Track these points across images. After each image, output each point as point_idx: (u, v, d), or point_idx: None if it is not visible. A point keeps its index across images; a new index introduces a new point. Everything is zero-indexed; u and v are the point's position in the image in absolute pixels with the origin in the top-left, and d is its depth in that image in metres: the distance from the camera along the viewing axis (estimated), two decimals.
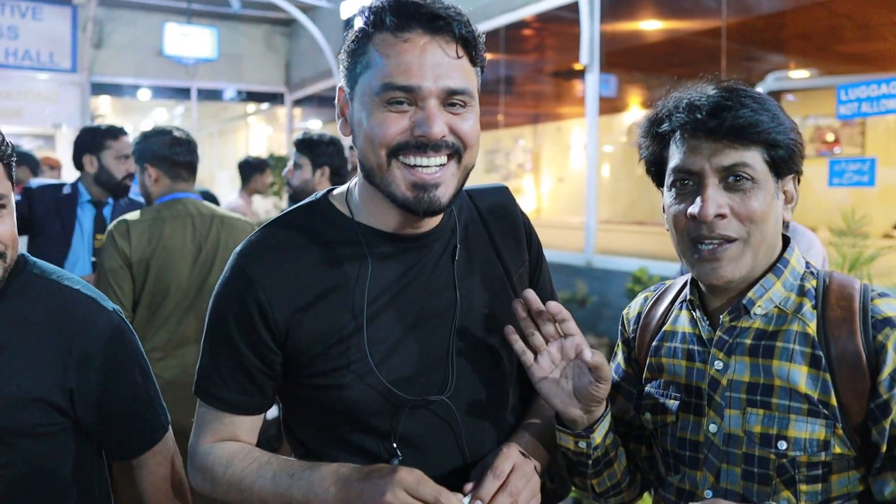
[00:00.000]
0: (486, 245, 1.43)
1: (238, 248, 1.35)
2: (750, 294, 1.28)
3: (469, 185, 1.41)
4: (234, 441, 1.36)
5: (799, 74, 8.16)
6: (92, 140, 3.73)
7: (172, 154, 3.11)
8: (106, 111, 15.16)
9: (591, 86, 7.39)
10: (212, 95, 14.59)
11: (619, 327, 1.55)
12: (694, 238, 1.26)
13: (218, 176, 18.10)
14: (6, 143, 1.45)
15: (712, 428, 1.29)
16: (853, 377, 1.19)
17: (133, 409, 1.58)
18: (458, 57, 1.23)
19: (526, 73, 10.51)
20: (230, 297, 1.31)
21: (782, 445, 1.22)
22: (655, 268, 6.30)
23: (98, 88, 12.75)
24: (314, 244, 1.32)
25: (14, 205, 1.48)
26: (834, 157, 6.91)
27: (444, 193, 1.25)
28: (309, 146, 3.73)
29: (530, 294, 1.25)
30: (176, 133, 3.16)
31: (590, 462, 1.35)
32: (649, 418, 1.40)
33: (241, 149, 17.71)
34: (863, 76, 4.98)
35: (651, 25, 8.17)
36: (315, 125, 14.58)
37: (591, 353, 1.26)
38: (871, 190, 4.79)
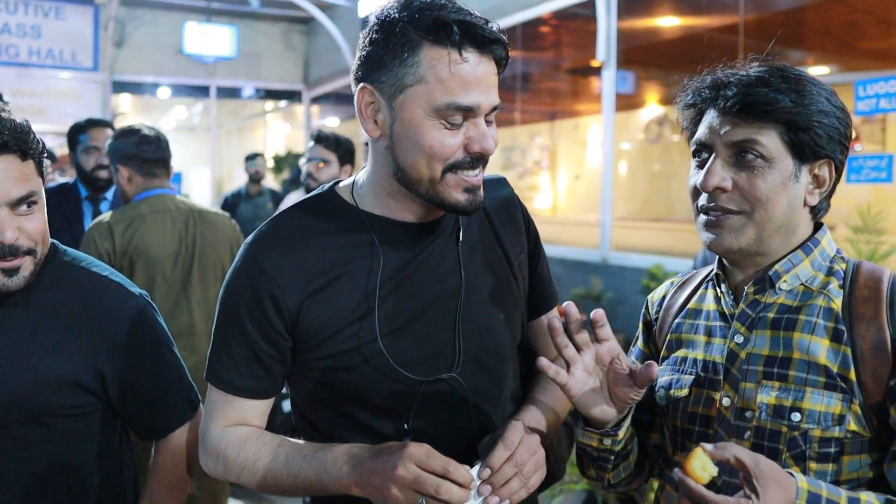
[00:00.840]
0: (488, 233, 1.49)
1: (249, 238, 1.41)
2: (777, 267, 1.31)
3: None
4: (245, 425, 1.40)
5: (818, 71, 8.12)
6: (70, 136, 3.90)
7: (141, 152, 3.16)
8: (127, 109, 15.31)
9: (608, 83, 7.39)
10: (230, 93, 14.69)
11: (643, 310, 1.58)
12: (700, 207, 1.32)
13: (237, 173, 18.23)
14: (37, 141, 1.49)
15: (725, 402, 1.31)
16: (875, 356, 1.21)
17: (163, 389, 1.64)
18: (496, 74, 1.31)
19: (543, 70, 10.50)
20: (241, 286, 1.36)
21: (796, 417, 1.22)
22: (671, 264, 6.30)
23: (119, 87, 12.87)
24: (323, 233, 1.38)
25: (45, 201, 1.53)
26: (853, 154, 6.88)
27: (482, 194, 1.34)
28: (336, 143, 3.95)
29: (571, 307, 1.28)
30: (144, 131, 3.22)
31: (612, 458, 1.37)
32: (662, 395, 1.42)
33: (260, 146, 17.80)
34: (883, 72, 4.95)
35: (668, 22, 8.15)
36: (333, 123, 14.64)
37: (632, 360, 1.31)
38: (892, 187, 4.76)
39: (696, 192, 1.33)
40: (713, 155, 1.29)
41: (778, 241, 1.30)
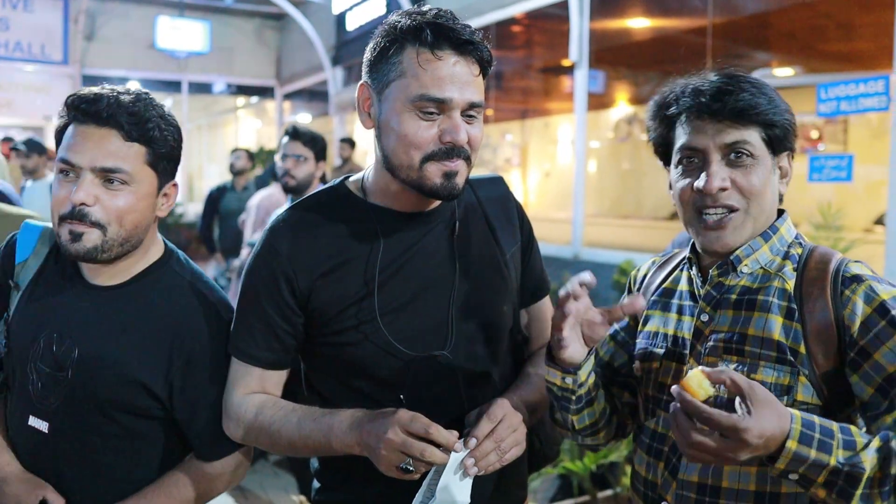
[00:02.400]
0: (483, 226, 1.62)
1: (269, 225, 1.55)
2: (738, 252, 1.42)
3: (474, 174, 1.60)
4: (262, 393, 1.55)
5: (783, 72, 8.33)
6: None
7: None
8: None
9: (580, 82, 7.52)
10: (202, 88, 14.66)
11: (628, 282, 1.71)
12: (699, 207, 1.41)
13: (207, 169, 18.14)
14: (154, 131, 1.57)
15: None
16: (821, 329, 1.33)
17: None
18: (477, 75, 1.44)
19: (515, 70, 10.62)
20: (260, 268, 1.52)
21: None
22: (641, 260, 6.42)
23: (90, 81, 12.70)
24: (333, 222, 1.53)
25: (145, 190, 1.57)
26: (815, 154, 7.07)
27: (460, 181, 1.46)
28: (313, 140, 3.91)
29: (587, 276, 1.41)
30: None
31: (573, 398, 1.48)
32: (638, 366, 1.55)
33: (231, 142, 17.73)
34: (844, 75, 5.13)
35: (639, 23, 8.31)
36: (305, 119, 14.65)
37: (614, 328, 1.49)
38: (854, 186, 4.94)
39: (690, 195, 1.42)
40: (708, 158, 1.40)
41: (759, 228, 1.43)
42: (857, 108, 4.51)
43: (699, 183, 1.39)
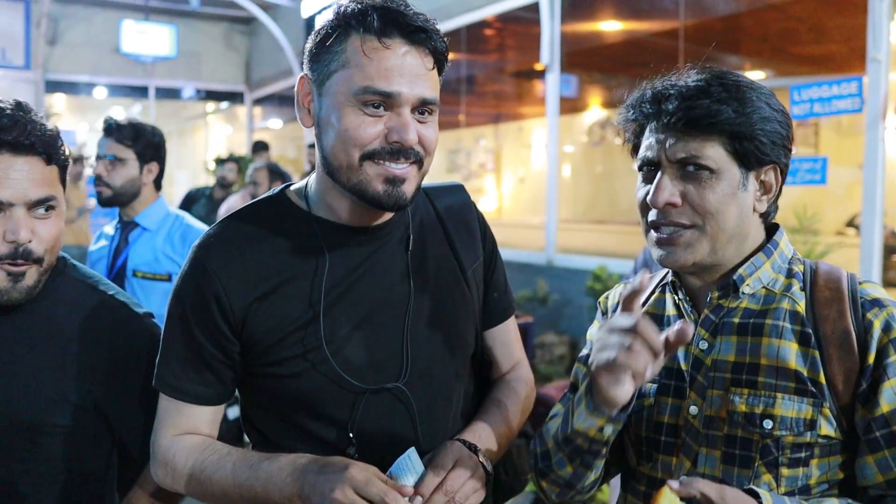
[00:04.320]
0: (441, 240, 1.47)
1: (197, 241, 1.38)
2: (741, 271, 1.29)
3: (426, 182, 1.45)
4: (195, 434, 1.37)
5: (755, 75, 8.31)
6: None
7: None
8: (61, 110, 14.87)
9: (552, 86, 7.44)
10: (170, 94, 14.39)
11: (598, 313, 1.55)
12: (650, 223, 1.30)
13: (177, 176, 17.87)
14: (63, 149, 1.49)
15: (693, 410, 1.29)
16: (842, 355, 1.20)
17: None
18: (432, 68, 1.28)
19: (487, 73, 10.53)
20: (188, 289, 1.34)
21: (768, 424, 1.22)
22: (615, 266, 6.37)
23: (53, 86, 12.50)
24: (272, 237, 1.35)
25: (63, 211, 1.51)
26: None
27: (409, 190, 1.29)
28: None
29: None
30: None
31: (602, 451, 1.29)
32: None
33: (201, 148, 17.50)
34: (816, 77, 5.09)
35: (611, 26, 8.25)
36: (276, 125, 14.46)
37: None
38: (826, 188, 4.89)
39: (645, 208, 1.31)
40: (661, 170, 1.27)
41: (731, 251, 1.29)
42: (831, 110, 4.47)
43: (648, 195, 1.28)
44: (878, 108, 4.60)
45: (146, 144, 2.97)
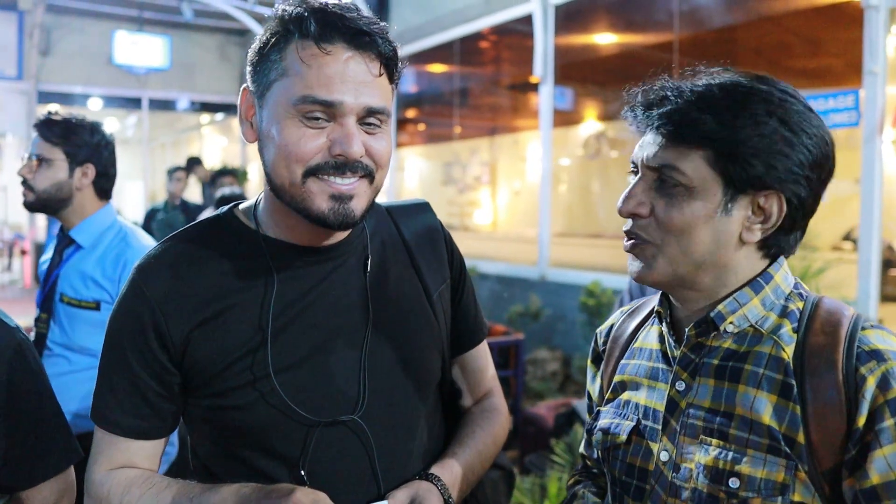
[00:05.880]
0: (405, 262, 1.38)
1: (136, 264, 1.28)
2: (720, 307, 1.14)
3: (389, 201, 1.39)
4: (131, 467, 1.28)
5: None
6: None
7: None
8: None
9: (546, 98, 7.39)
10: (164, 105, 14.35)
11: (591, 346, 1.45)
12: (624, 231, 1.19)
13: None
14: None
15: (663, 456, 1.17)
16: (827, 414, 1.04)
17: (34, 435, 1.47)
18: (379, 75, 1.18)
19: (481, 86, 10.48)
20: (125, 315, 1.25)
21: (734, 483, 1.08)
22: (609, 281, 6.29)
23: (46, 97, 12.43)
24: (216, 258, 1.26)
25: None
26: None
27: (358, 206, 1.20)
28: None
29: None
30: None
31: None
32: (600, 439, 1.29)
33: None
34: (811, 90, 5.03)
35: (605, 39, 8.20)
36: None
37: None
38: (822, 202, 4.81)
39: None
40: (638, 176, 1.17)
41: (707, 279, 1.15)
42: (827, 124, 4.39)
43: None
44: (874, 122, 4.54)
45: (79, 144, 2.48)
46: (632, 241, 1.17)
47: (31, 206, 2.51)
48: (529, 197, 11.46)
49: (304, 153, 1.15)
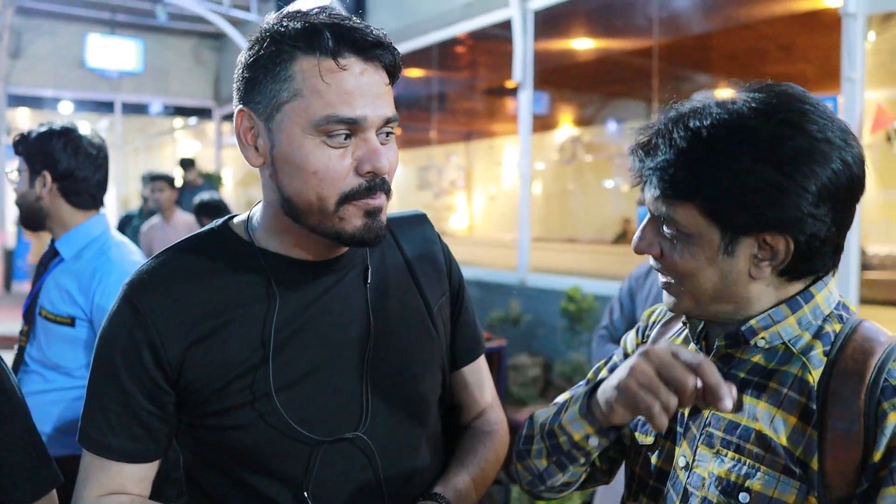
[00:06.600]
0: (404, 274, 1.35)
1: (128, 278, 1.23)
2: (752, 322, 1.12)
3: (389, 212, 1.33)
4: (122, 493, 1.22)
5: (727, 94, 8.32)
6: None
7: None
8: (24, 124, 14.57)
9: (525, 103, 7.39)
10: (137, 109, 14.19)
11: (640, 322, 1.43)
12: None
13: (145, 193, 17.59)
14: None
15: (681, 461, 1.17)
16: (844, 443, 1.01)
17: (20, 454, 1.41)
18: (387, 84, 1.16)
19: (459, 90, 10.48)
20: (117, 332, 1.19)
21: (744, 498, 1.07)
22: (590, 286, 6.29)
23: (15, 100, 12.25)
24: (213, 273, 1.21)
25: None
26: None
27: (384, 220, 1.18)
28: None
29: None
30: None
31: (581, 459, 1.21)
32: (628, 433, 1.29)
33: (169, 165, 17.24)
34: None
35: (584, 44, 8.24)
36: None
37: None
38: None
39: None
40: (646, 217, 1.16)
41: (728, 309, 1.13)
42: None
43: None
44: (853, 128, 4.57)
45: (34, 152, 2.36)
46: (664, 279, 1.17)
47: (22, 223, 2.44)
48: (505, 201, 11.48)
49: (336, 178, 1.11)
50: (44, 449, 1.48)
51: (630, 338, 1.44)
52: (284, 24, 1.12)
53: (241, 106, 1.18)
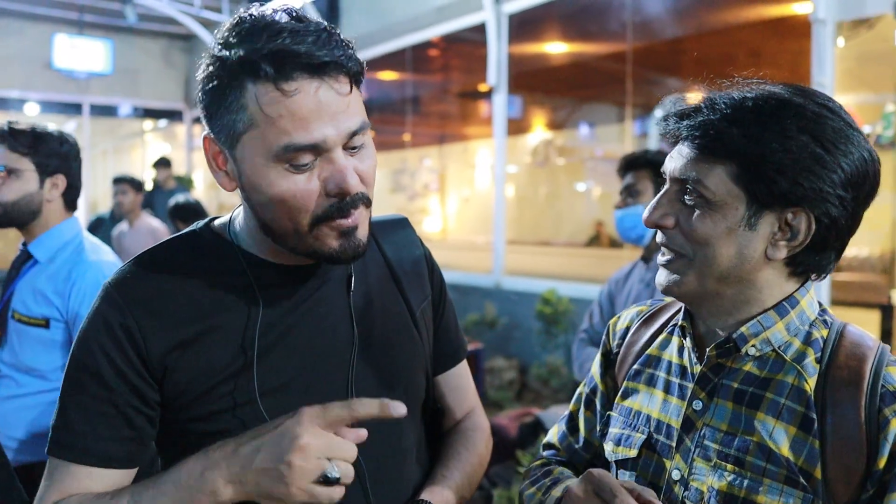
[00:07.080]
0: (387, 279, 1.34)
1: (108, 279, 1.19)
2: (743, 329, 1.12)
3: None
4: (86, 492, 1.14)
5: (696, 98, 8.40)
6: None
7: None
8: None
9: (499, 106, 7.41)
10: (106, 111, 13.98)
11: (604, 337, 1.43)
12: (659, 243, 1.18)
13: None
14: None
15: (675, 475, 1.16)
16: (847, 451, 1.02)
17: None
18: (349, 92, 1.10)
19: (432, 94, 10.47)
20: (98, 334, 1.15)
21: None
22: (564, 289, 6.31)
23: None
24: (195, 274, 1.19)
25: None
26: None
27: (362, 234, 1.15)
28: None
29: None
30: None
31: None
32: (611, 448, 1.28)
33: (138, 167, 17.03)
34: None
35: (558, 48, 8.27)
36: None
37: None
38: None
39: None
40: (666, 186, 1.16)
41: (729, 292, 1.13)
42: None
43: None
44: None
45: (48, 154, 2.37)
46: (669, 256, 1.16)
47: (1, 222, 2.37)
48: (479, 204, 11.50)
49: (304, 203, 1.08)
50: (11, 471, 1.44)
51: (596, 364, 1.43)
52: (229, 48, 1.06)
53: (207, 131, 1.15)
